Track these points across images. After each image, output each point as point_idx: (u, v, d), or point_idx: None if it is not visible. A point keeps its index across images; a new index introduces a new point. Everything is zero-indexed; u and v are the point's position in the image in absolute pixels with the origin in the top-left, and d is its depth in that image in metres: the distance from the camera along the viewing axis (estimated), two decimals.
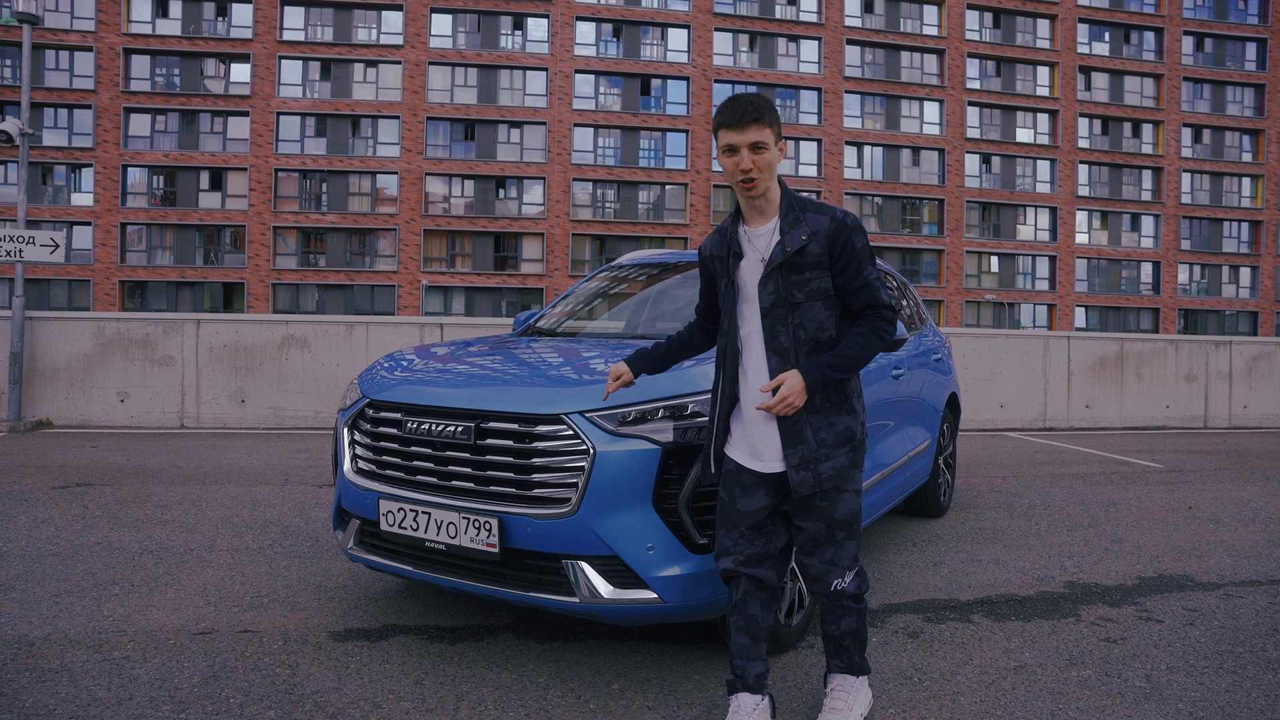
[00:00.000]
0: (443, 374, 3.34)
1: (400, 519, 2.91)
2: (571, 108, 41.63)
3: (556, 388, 2.95)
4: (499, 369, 3.53)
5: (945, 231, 44.36)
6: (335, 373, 9.43)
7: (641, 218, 42.89)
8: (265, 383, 9.31)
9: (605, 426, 2.71)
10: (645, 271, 4.79)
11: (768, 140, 2.27)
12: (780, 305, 2.29)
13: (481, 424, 2.80)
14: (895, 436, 4.37)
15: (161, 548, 4.32)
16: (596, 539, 2.66)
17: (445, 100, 41.08)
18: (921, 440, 4.86)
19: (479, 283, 41.26)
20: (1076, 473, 7.49)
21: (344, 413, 3.32)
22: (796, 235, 2.30)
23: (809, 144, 43.44)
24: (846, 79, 43.51)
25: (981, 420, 10.79)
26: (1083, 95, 46.05)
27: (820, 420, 2.32)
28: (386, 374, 3.39)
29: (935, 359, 5.31)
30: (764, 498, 2.37)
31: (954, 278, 44.29)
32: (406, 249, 40.56)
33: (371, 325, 9.66)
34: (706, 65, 42.43)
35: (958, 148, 44.44)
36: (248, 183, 39.50)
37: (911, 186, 44.26)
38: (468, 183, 41.63)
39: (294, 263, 40.33)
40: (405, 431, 2.94)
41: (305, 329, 9.47)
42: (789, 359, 2.29)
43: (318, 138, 40.45)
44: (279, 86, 39.90)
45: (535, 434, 2.75)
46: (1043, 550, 4.71)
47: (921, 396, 4.91)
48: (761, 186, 2.32)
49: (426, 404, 2.96)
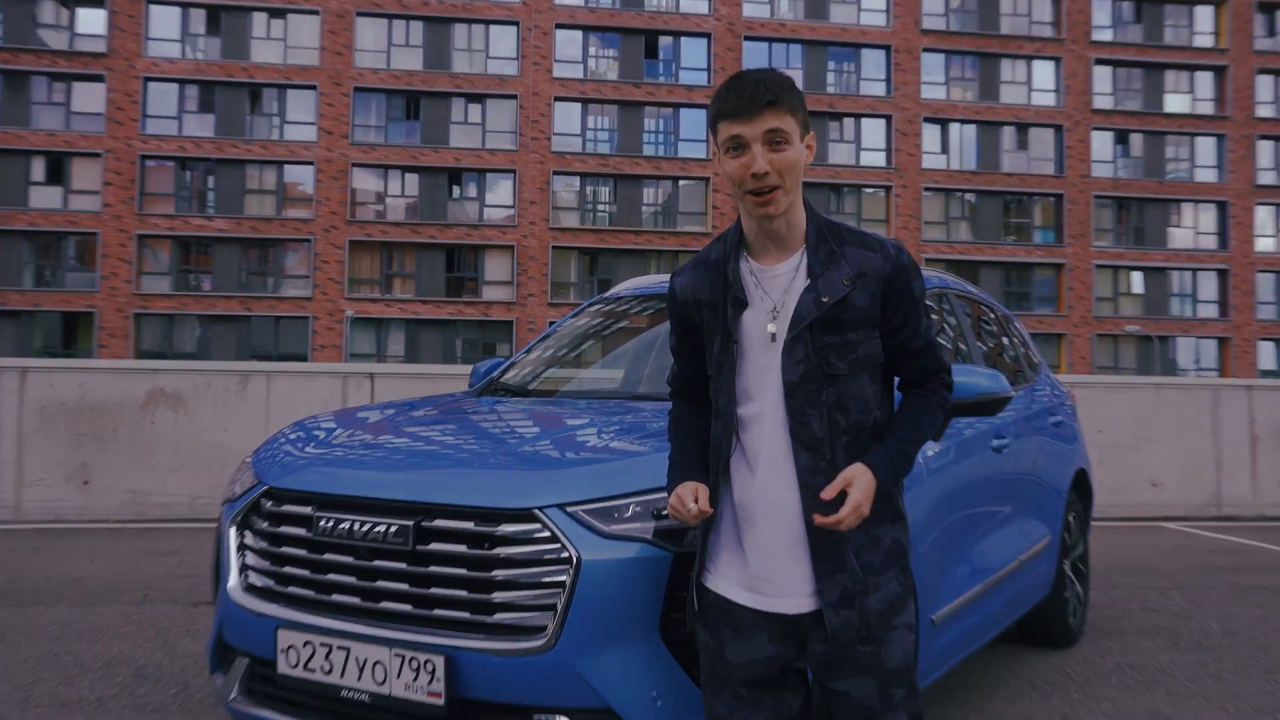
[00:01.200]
0: (372, 450, 3.34)
1: (307, 657, 2.88)
2: (551, 75, 42.24)
3: (528, 470, 2.94)
4: (450, 443, 3.54)
5: (1065, 239, 44.62)
6: (222, 442, 9.43)
7: (647, 224, 43.24)
8: (120, 457, 9.29)
9: (594, 526, 2.70)
10: (650, 305, 4.81)
11: (790, 130, 2.23)
12: (812, 379, 2.25)
13: (423, 522, 2.79)
14: (1000, 533, 4.34)
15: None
16: (582, 684, 2.63)
17: (378, 65, 41.73)
18: (1038, 538, 4.83)
19: (425, 314, 41.51)
20: (1273, 584, 7.38)
21: (231, 505, 3.31)
22: (835, 278, 2.26)
23: (873, 122, 43.94)
24: (925, 32, 44.16)
25: (1125, 505, 10.72)
26: (1262, 44, 46.53)
27: (861, 536, 2.26)
28: (293, 451, 3.39)
29: (1054, 422, 5.30)
30: (767, 645, 2.29)
31: (1079, 302, 44.43)
32: (326, 267, 40.88)
33: (275, 376, 9.67)
34: (733, 16, 43.13)
35: (1081, 123, 44.91)
36: (101, 174, 40.00)
37: (1017, 178, 44.65)
38: (409, 177, 42.10)
39: (167, 285, 40.66)
40: (317, 533, 2.92)
41: (180, 381, 9.48)
42: (823, 453, 2.25)
43: (202, 114, 41.06)
44: (146, 42, 40.61)
45: (498, 536, 2.73)
46: (1230, 703, 4.58)
47: (1036, 476, 4.89)
48: (783, 201, 2.26)
49: (348, 494, 2.96)
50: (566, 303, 41.83)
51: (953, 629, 3.77)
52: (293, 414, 9.51)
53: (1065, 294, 44.59)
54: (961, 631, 3.91)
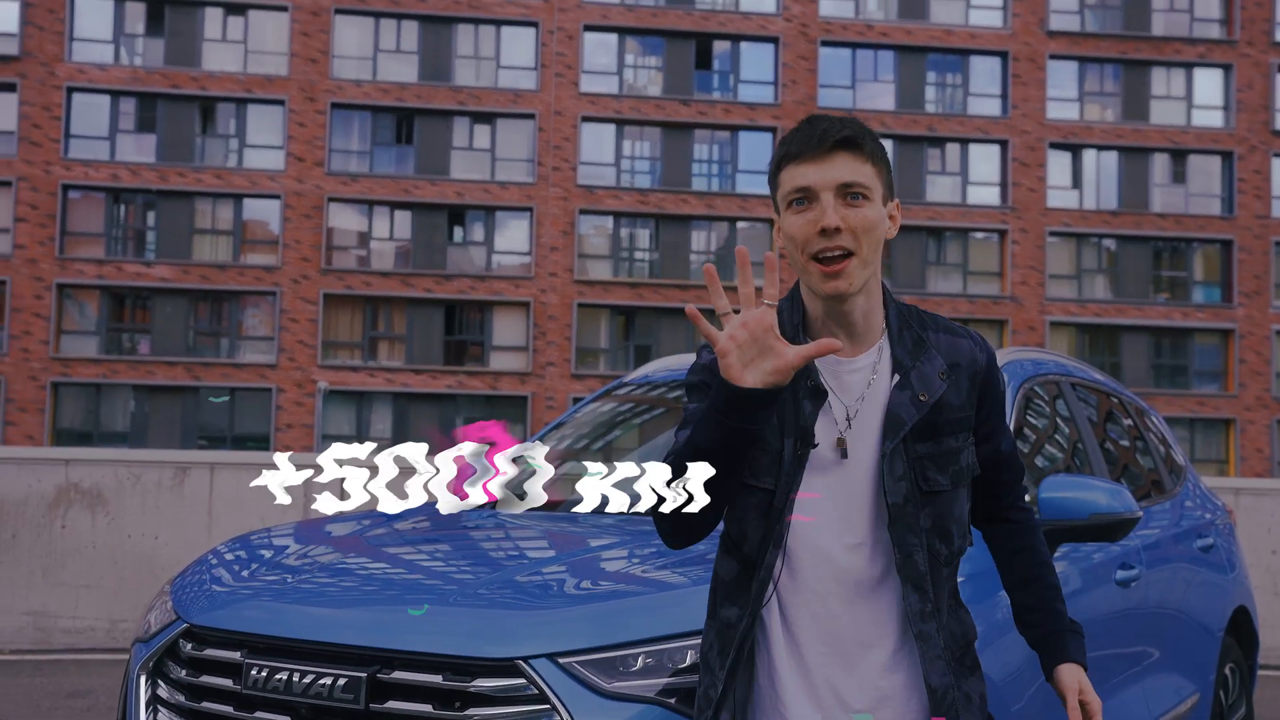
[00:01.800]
0: (326, 579, 3.39)
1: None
2: (577, 90, 42.76)
3: (513, 610, 2.98)
4: (432, 570, 3.58)
5: (1236, 297, 44.31)
6: (152, 552, 9.49)
7: (696, 276, 43.35)
8: (20, 569, 9.35)
9: (592, 682, 2.72)
10: (675, 393, 4.86)
11: (870, 185, 2.27)
12: (913, 499, 2.27)
13: (380, 674, 2.82)
14: (1131, 690, 4.34)
15: None
16: None
17: (363, 75, 42.41)
18: (1184, 695, 4.82)
19: (418, 386, 41.73)
20: None
21: (143, 646, 3.35)
22: (929, 372, 2.30)
23: (986, 149, 44.04)
24: (1052, 35, 44.41)
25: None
26: None
27: (956, 694, 2.31)
28: (226, 577, 3.44)
29: (1202, 546, 5.28)
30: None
31: (1254, 379, 43.98)
32: (294, 327, 41.27)
33: (219, 468, 9.76)
34: (808, 16, 43.59)
35: (1259, 148, 44.80)
36: (12, 208, 40.52)
37: (1171, 220, 44.51)
38: (400, 215, 42.56)
39: (94, 347, 41.12)
40: (246, 685, 2.96)
41: (101, 474, 9.57)
42: (928, 594, 2.28)
43: (140, 133, 41.73)
44: (71, 43, 41.38)
45: (472, 693, 2.76)
46: None
47: (1179, 615, 4.89)
48: (858, 276, 2.26)
49: (286, 636, 2.99)
50: (594, 375, 41.91)
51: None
52: (242, 517, 9.54)
53: (1235, 367, 44.13)
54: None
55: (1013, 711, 3.34)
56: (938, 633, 2.27)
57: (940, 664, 2.25)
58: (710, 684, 2.33)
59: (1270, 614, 6.18)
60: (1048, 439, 4.52)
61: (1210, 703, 5.15)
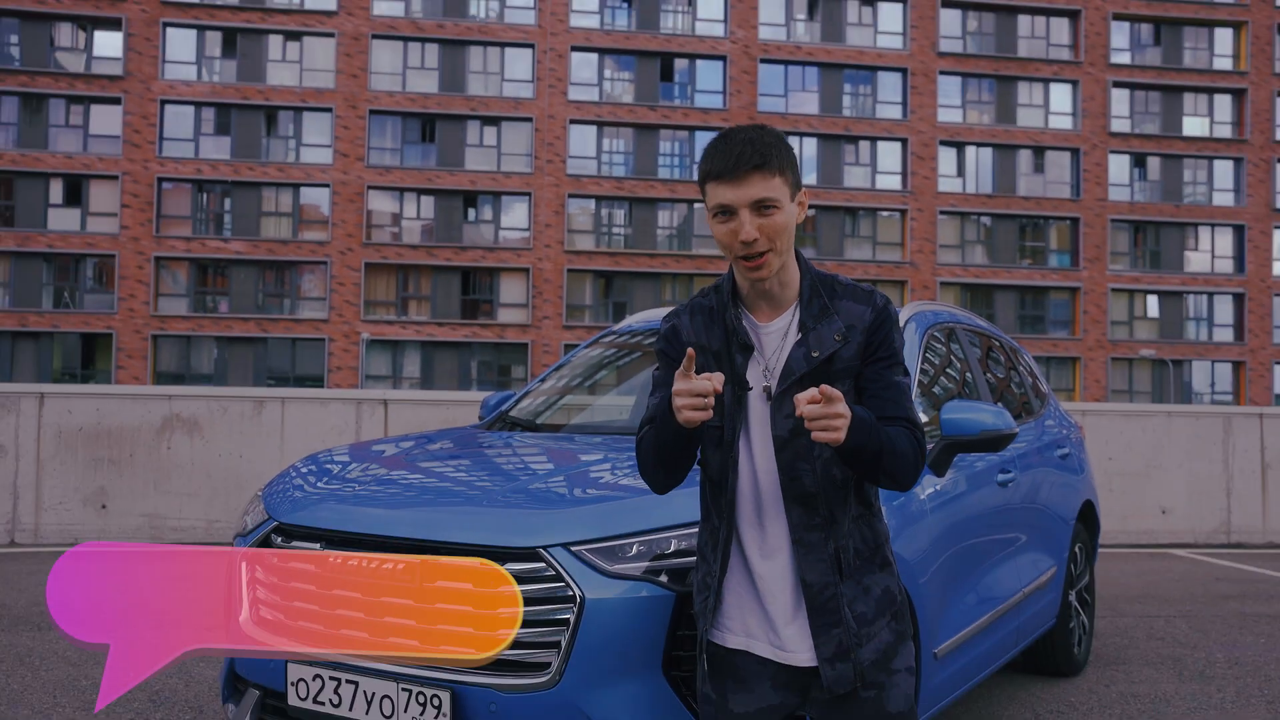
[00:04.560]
0: (384, 487, 3.42)
1: (317, 690, 2.94)
2: (566, 98, 42.48)
3: (534, 510, 3.02)
4: (460, 480, 3.62)
5: (1081, 262, 44.54)
6: (237, 467, 9.52)
7: (662, 247, 43.34)
8: (137, 481, 9.39)
9: (598, 565, 2.77)
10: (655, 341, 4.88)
11: (779, 196, 2.21)
12: (803, 433, 2.21)
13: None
14: (1005, 566, 4.39)
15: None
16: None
17: (394, 87, 42.02)
18: (1044, 569, 4.88)
19: (440, 335, 41.65)
20: (1279, 613, 7.42)
21: (242, 539, 3.38)
22: (826, 333, 2.28)
23: (890, 145, 44.02)
24: (941, 55, 44.27)
25: (1134, 532, 10.71)
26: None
27: (854, 588, 2.29)
28: (304, 486, 3.47)
29: (1060, 454, 5.35)
30: (770, 693, 2.32)
31: (1094, 326, 44.30)
32: (342, 289, 41.09)
33: (289, 402, 9.77)
34: (749, 39, 43.32)
35: (1098, 146, 44.90)
36: (119, 196, 40.28)
37: (1033, 201, 44.62)
38: (425, 199, 42.32)
39: (184, 307, 40.90)
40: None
41: (196, 406, 9.59)
42: (817, 510, 2.28)
43: (218, 136, 41.35)
44: (164, 65, 40.95)
45: None
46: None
47: (1042, 508, 4.95)
48: (774, 264, 2.25)
49: (357, 531, 3.03)
50: (581, 325, 41.90)
51: (956, 662, 3.81)
52: (307, 439, 9.61)
53: (1080, 318, 44.46)
54: (965, 664, 3.95)
55: (920, 584, 3.40)
56: (824, 541, 2.26)
57: (821, 565, 2.25)
58: (707, 572, 2.38)
59: (1104, 506, 6.33)
60: (943, 373, 4.56)
61: (1064, 573, 5.25)
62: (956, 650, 3.79)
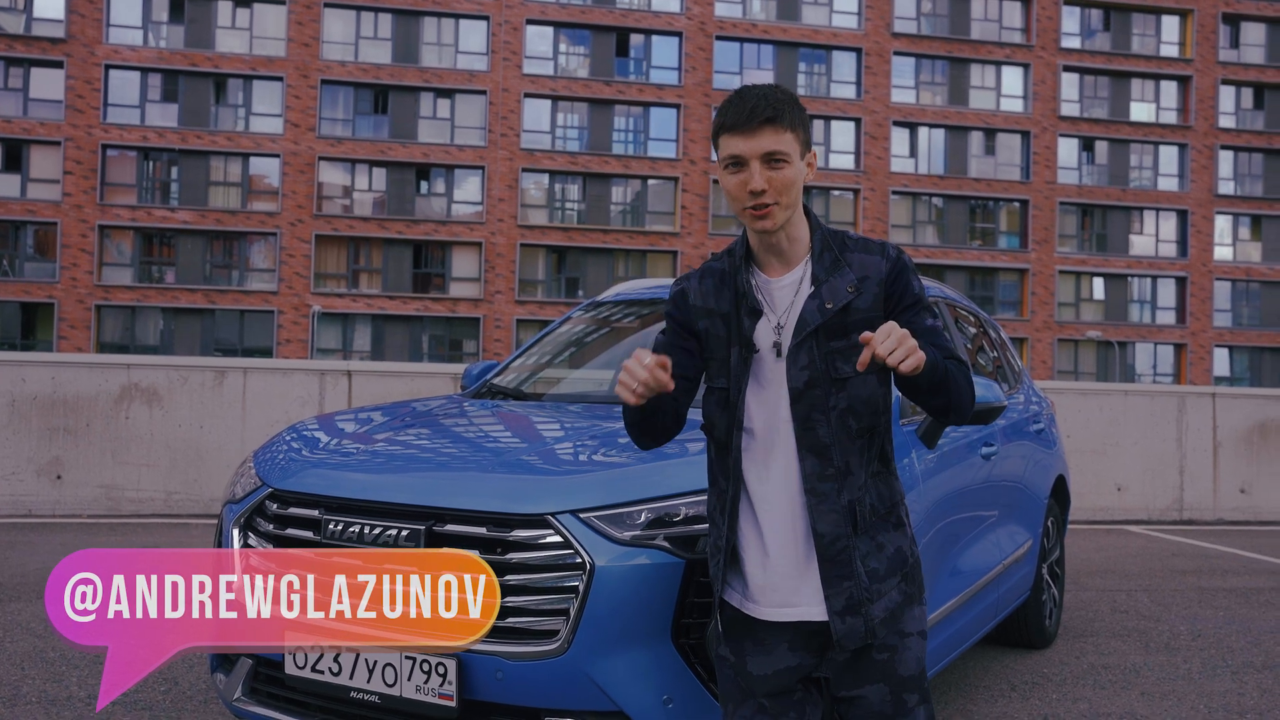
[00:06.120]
0: (380, 453, 3.39)
1: (315, 659, 2.90)
2: (521, 71, 42.15)
3: (542, 476, 3.00)
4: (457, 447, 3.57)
5: (1030, 244, 45.10)
6: (198, 438, 9.38)
7: (615, 223, 43.25)
8: (93, 451, 9.22)
9: (607, 532, 2.75)
10: (640, 310, 4.88)
11: (789, 150, 2.26)
12: (818, 384, 2.29)
13: (435, 526, 2.83)
14: (987, 539, 4.44)
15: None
16: (594, 688, 2.69)
17: (346, 57, 41.47)
18: (1021, 542, 4.94)
19: (391, 309, 41.32)
20: (1235, 586, 7.57)
21: (234, 506, 3.32)
22: (839, 285, 2.31)
23: (843, 125, 44.20)
24: (896, 36, 44.47)
25: (1091, 509, 10.89)
26: (1227, 55, 47.21)
27: (867, 543, 2.32)
28: (296, 452, 3.42)
29: (1036, 429, 5.41)
30: (788, 654, 2.34)
31: (1042, 307, 44.94)
32: (291, 261, 40.61)
33: (251, 372, 9.63)
34: (705, 16, 43.22)
35: (1048, 130, 45.41)
36: (61, 163, 39.45)
37: (984, 183, 45.07)
38: (377, 171, 41.87)
39: (129, 277, 40.22)
40: (326, 536, 2.95)
41: (155, 376, 9.42)
42: (831, 460, 2.29)
43: (165, 103, 40.63)
44: (108, 29, 40.08)
45: (511, 541, 2.78)
46: (1201, 702, 4.73)
47: (1020, 482, 5.00)
48: (780, 217, 2.29)
49: (357, 497, 2.99)
50: (534, 300, 41.77)
51: (941, 634, 3.84)
52: (269, 411, 9.49)
53: (1028, 299, 45.07)
54: (949, 636, 3.99)
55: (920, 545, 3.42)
56: (837, 492, 2.28)
57: (834, 516, 2.27)
58: (717, 536, 2.40)
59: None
60: None
61: (1038, 547, 5.32)
62: (941, 623, 3.83)
